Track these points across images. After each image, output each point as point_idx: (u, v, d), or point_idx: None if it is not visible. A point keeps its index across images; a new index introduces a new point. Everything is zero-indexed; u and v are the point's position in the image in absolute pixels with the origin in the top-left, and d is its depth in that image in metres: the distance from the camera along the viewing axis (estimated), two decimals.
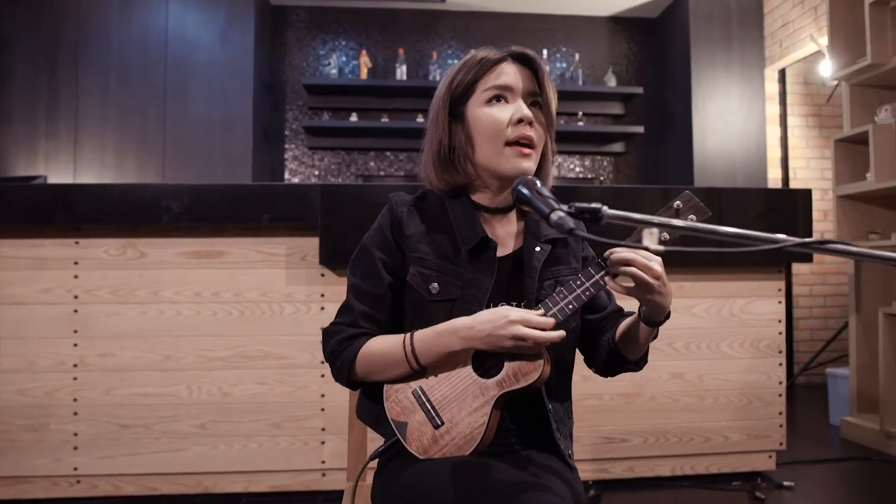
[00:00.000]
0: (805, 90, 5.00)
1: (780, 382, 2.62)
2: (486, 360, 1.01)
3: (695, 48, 4.74)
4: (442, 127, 1.09)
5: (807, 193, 2.56)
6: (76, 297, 2.29)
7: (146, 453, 2.29)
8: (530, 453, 1.06)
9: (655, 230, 0.67)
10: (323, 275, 2.37)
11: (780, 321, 2.63)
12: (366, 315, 1.07)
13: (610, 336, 1.11)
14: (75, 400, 2.28)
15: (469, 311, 1.01)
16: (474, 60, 1.08)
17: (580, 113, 5.13)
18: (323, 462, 2.36)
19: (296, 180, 5.04)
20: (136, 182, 4.32)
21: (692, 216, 0.97)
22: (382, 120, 4.90)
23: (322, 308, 2.36)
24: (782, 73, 4.85)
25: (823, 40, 4.07)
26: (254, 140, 4.45)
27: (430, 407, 1.01)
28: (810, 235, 2.56)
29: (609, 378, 1.19)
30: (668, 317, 1.01)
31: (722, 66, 4.77)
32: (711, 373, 2.58)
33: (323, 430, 2.36)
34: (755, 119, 4.80)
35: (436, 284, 1.05)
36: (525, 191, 0.83)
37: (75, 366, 2.28)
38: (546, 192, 0.83)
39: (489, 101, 1.06)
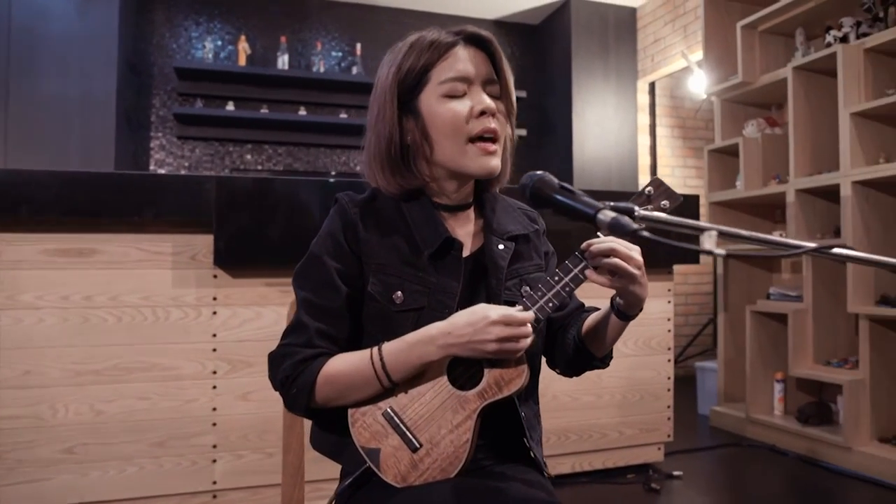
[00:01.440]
0: (672, 103, 5.37)
1: (669, 377, 2.76)
2: (462, 369, 0.92)
3: (575, 57, 4.92)
4: (391, 122, 0.96)
5: (695, 199, 2.71)
6: None
7: None
8: (505, 469, 0.98)
9: (714, 233, 0.62)
10: (216, 276, 2.14)
11: (669, 319, 2.76)
12: (322, 333, 0.93)
13: (575, 333, 1.05)
14: None
15: (439, 319, 0.92)
16: (423, 43, 0.96)
17: None
18: (214, 483, 2.13)
19: (162, 171, 4.62)
20: None
21: (664, 201, 0.94)
22: (262, 111, 4.61)
23: (214, 312, 2.14)
24: (652, 85, 5.17)
25: (694, 56, 4.38)
26: (116, 126, 4.00)
27: (404, 428, 0.90)
28: (696, 238, 2.72)
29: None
30: (641, 309, 0.97)
31: (600, 77, 4.99)
32: (609, 371, 2.61)
33: (214, 447, 2.14)
34: (628, 128, 5.07)
35: (399, 293, 0.94)
36: (556, 195, 0.74)
37: None
38: (571, 187, 0.75)
39: (446, 94, 0.95)
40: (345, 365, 0.91)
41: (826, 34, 3.03)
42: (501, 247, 1.01)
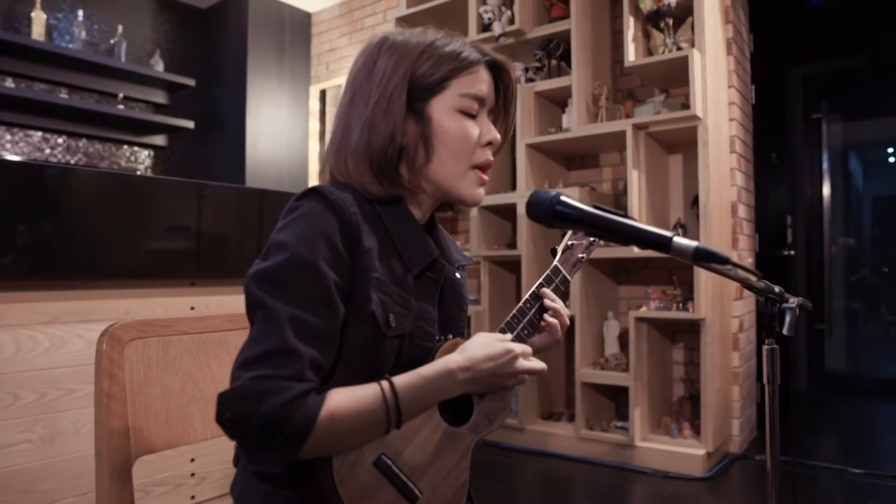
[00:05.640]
0: None
1: None
2: (447, 403, 0.83)
3: (251, 54, 4.69)
4: (396, 121, 0.84)
5: None
6: None
7: None
8: None
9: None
10: None
11: None
12: (315, 364, 0.73)
13: None
14: None
15: (420, 349, 0.83)
16: (444, 52, 0.86)
17: (121, 95, 4.44)
18: None
19: None
20: None
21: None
22: None
23: None
24: (323, 93, 5.26)
25: None
26: None
27: (403, 477, 0.77)
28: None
29: None
30: None
31: (275, 76, 4.86)
32: None
33: None
34: (300, 132, 5.06)
35: (392, 316, 0.80)
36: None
37: None
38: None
39: (462, 109, 0.87)
40: (349, 403, 0.73)
41: None
42: (458, 276, 0.95)
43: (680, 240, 0.66)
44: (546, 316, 0.94)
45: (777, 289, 1.10)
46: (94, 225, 1.78)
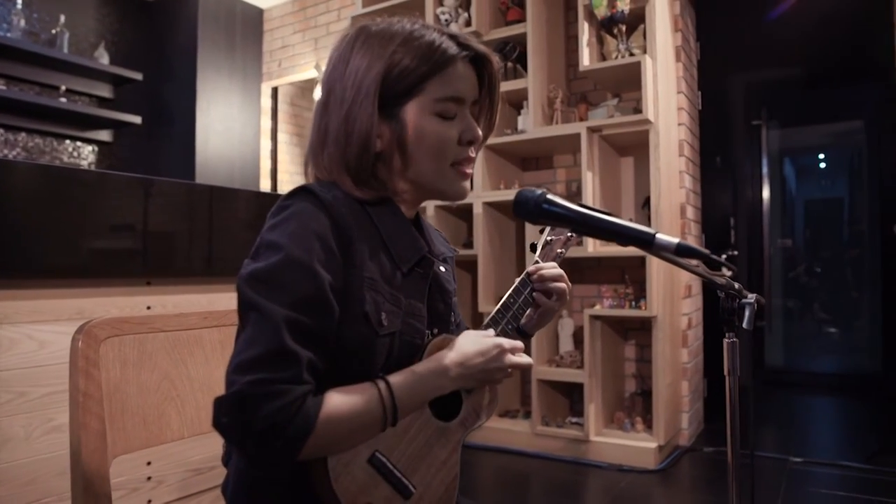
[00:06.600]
0: (292, 111, 5.46)
1: None
2: (439, 399, 0.84)
3: (201, 48, 4.59)
4: (368, 125, 0.81)
5: None
6: None
7: None
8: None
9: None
10: None
11: None
12: (312, 365, 0.72)
13: None
14: None
15: (410, 345, 0.83)
16: (422, 46, 0.82)
17: (63, 87, 4.27)
18: None
19: None
20: None
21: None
22: None
23: None
24: (275, 90, 5.18)
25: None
26: None
27: (398, 473, 0.77)
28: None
29: None
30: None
31: (225, 72, 4.77)
32: None
33: None
34: (252, 130, 4.98)
35: (384, 314, 0.80)
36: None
37: None
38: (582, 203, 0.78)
39: (438, 112, 0.84)
40: (347, 404, 0.73)
41: None
42: (443, 269, 0.94)
43: (662, 236, 0.69)
44: (550, 286, 0.95)
45: (737, 285, 1.16)
46: (42, 221, 1.71)
